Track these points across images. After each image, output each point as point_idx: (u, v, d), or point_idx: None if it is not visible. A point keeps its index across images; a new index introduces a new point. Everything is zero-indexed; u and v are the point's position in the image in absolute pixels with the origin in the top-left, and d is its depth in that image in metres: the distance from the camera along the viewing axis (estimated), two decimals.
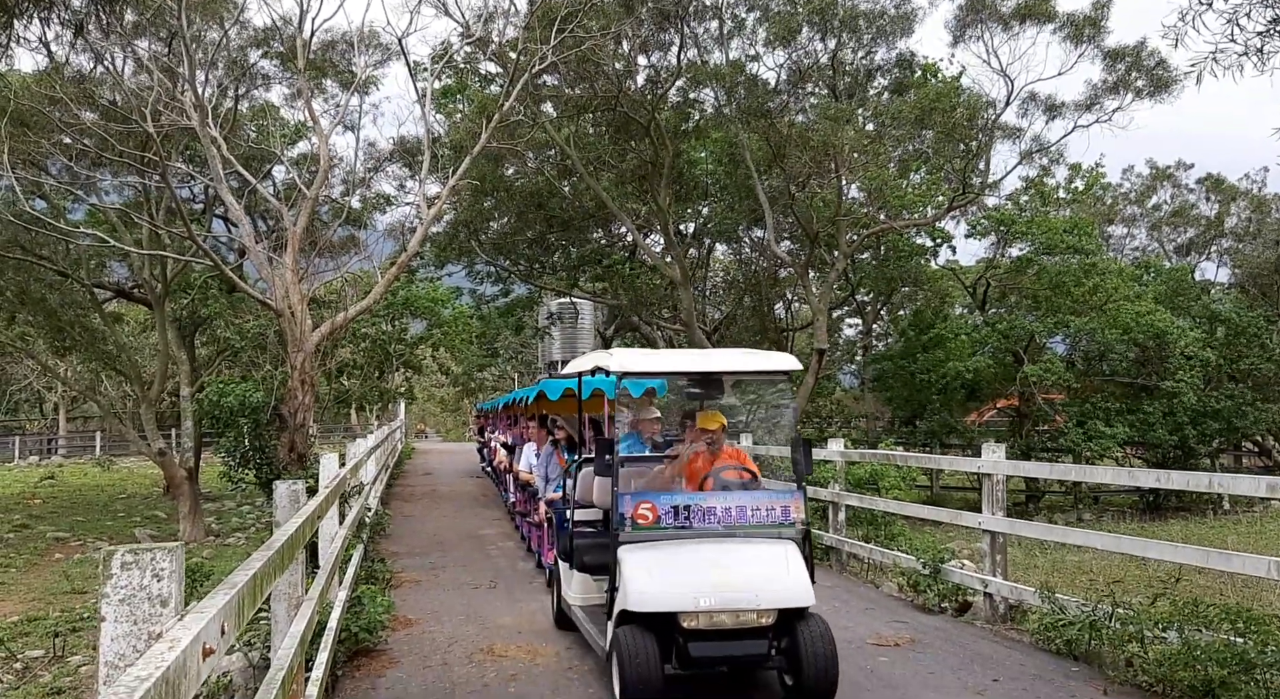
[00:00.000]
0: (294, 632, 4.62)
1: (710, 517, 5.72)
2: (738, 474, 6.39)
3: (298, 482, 5.53)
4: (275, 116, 17.48)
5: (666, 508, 5.69)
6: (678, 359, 6.75)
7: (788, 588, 5.47)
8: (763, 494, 5.93)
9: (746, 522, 5.76)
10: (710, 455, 6.50)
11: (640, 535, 5.64)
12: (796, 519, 5.85)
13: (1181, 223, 32.01)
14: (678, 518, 5.69)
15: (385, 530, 13.82)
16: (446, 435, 57.83)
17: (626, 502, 5.71)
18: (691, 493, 6.01)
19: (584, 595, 7.13)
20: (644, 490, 6.23)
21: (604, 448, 5.82)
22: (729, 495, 5.85)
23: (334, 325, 13.27)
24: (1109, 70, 16.80)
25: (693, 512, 5.72)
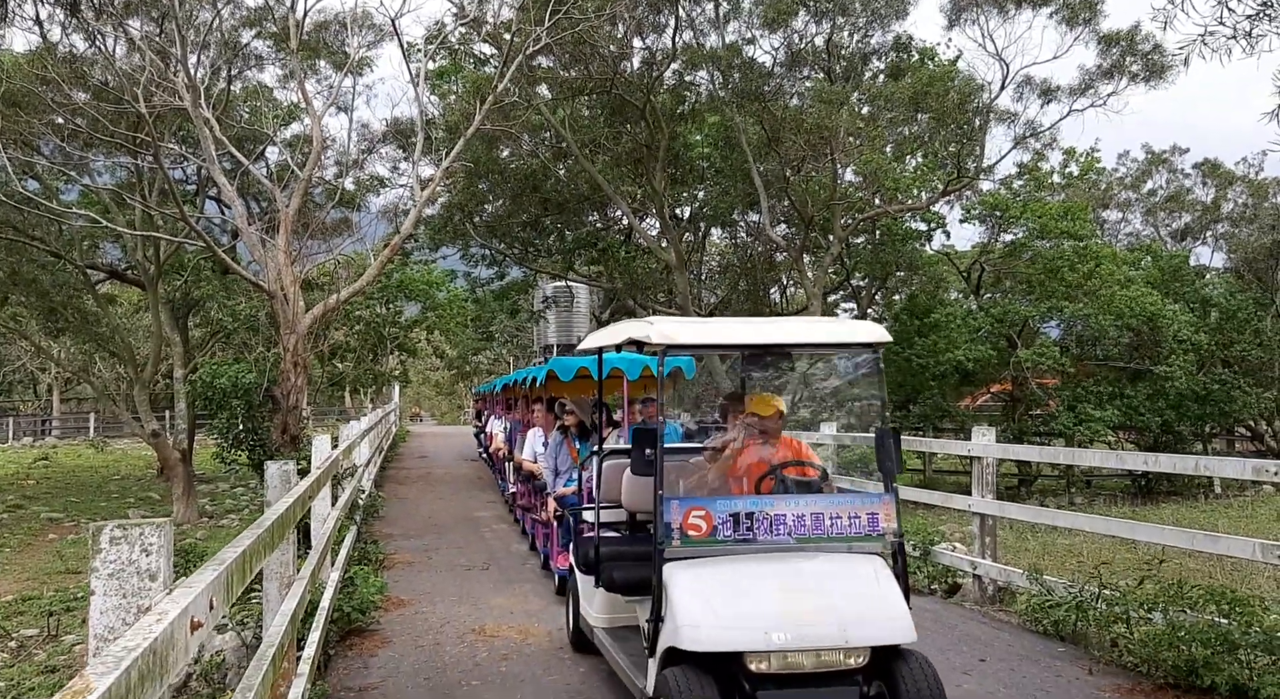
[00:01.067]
0: (285, 610, 4.65)
1: (779, 526, 4.58)
2: (802, 471, 5.27)
3: (289, 462, 5.55)
4: (268, 98, 17.41)
5: (724, 515, 4.53)
6: (735, 329, 5.28)
7: (883, 619, 4.34)
8: (845, 498, 4.77)
9: (824, 533, 4.60)
10: (765, 448, 5.34)
11: (691, 550, 4.50)
12: (887, 529, 4.67)
13: (1177, 208, 32.04)
14: (738, 528, 4.54)
15: (379, 513, 13.86)
16: (442, 419, 57.89)
17: (674, 508, 4.51)
18: (751, 496, 4.86)
19: (609, 615, 6.01)
20: (690, 493, 5.19)
21: (644, 440, 4.64)
22: (802, 500, 4.68)
23: (326, 308, 13.26)
24: (1104, 55, 16.78)
25: (757, 520, 4.56)
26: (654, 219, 23.55)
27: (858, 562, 4.63)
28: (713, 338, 5.31)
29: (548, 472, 8.92)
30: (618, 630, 5.95)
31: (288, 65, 16.76)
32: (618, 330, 5.67)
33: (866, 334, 5.04)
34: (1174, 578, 6.51)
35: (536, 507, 10.27)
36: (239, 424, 13.52)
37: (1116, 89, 16.97)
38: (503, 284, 27.95)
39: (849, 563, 4.63)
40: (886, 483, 4.88)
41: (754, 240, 26.24)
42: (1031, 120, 19.47)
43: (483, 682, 6.14)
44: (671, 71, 19.89)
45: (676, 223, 23.75)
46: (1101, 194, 31.22)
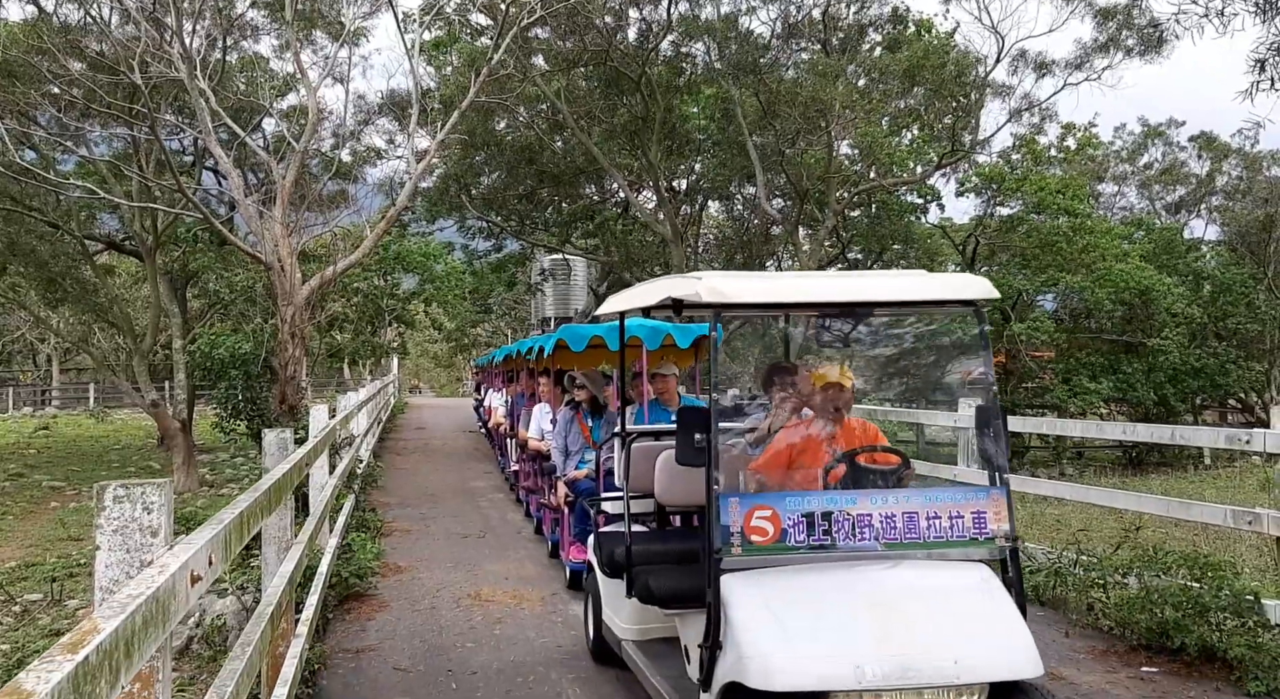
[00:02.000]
0: (283, 572, 4.81)
1: (863, 529, 3.72)
2: (879, 458, 4.31)
3: (286, 430, 5.69)
4: (264, 68, 17.38)
5: (795, 516, 3.67)
6: (806, 285, 4.33)
7: (1003, 648, 3.49)
8: (944, 493, 3.88)
9: (919, 537, 3.74)
10: (830, 431, 4.40)
11: (755, 559, 3.65)
12: (998, 531, 3.79)
13: (1172, 181, 32.05)
14: (812, 532, 3.68)
15: (377, 482, 14.05)
16: (440, 391, 58.10)
17: (733, 507, 3.64)
18: (828, 492, 3.95)
19: (641, 625, 5.12)
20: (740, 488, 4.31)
21: (693, 421, 3.81)
22: (891, 496, 3.81)
23: (323, 279, 13.35)
24: (1100, 28, 16.77)
25: (836, 522, 3.70)
26: (650, 192, 23.58)
27: (962, 572, 3.73)
28: (778, 295, 4.19)
29: (557, 452, 8.07)
30: (651, 645, 5.07)
31: (283, 35, 16.73)
32: (653, 289, 4.59)
33: (970, 289, 4.07)
34: (1151, 544, 6.68)
35: (544, 489, 9.34)
36: (238, 394, 13.66)
37: (1112, 63, 16.99)
38: (500, 256, 28.00)
39: (952, 575, 3.72)
40: (995, 473, 3.98)
41: (750, 213, 26.27)
42: (1027, 94, 19.50)
43: (477, 644, 6.32)
44: (668, 43, 19.85)
45: (673, 196, 23.76)
46: (1097, 167, 31.21)
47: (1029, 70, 18.43)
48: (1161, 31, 14.09)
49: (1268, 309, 24.49)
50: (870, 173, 21.86)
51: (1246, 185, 29.93)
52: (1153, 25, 12.99)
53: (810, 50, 19.97)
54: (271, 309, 13.85)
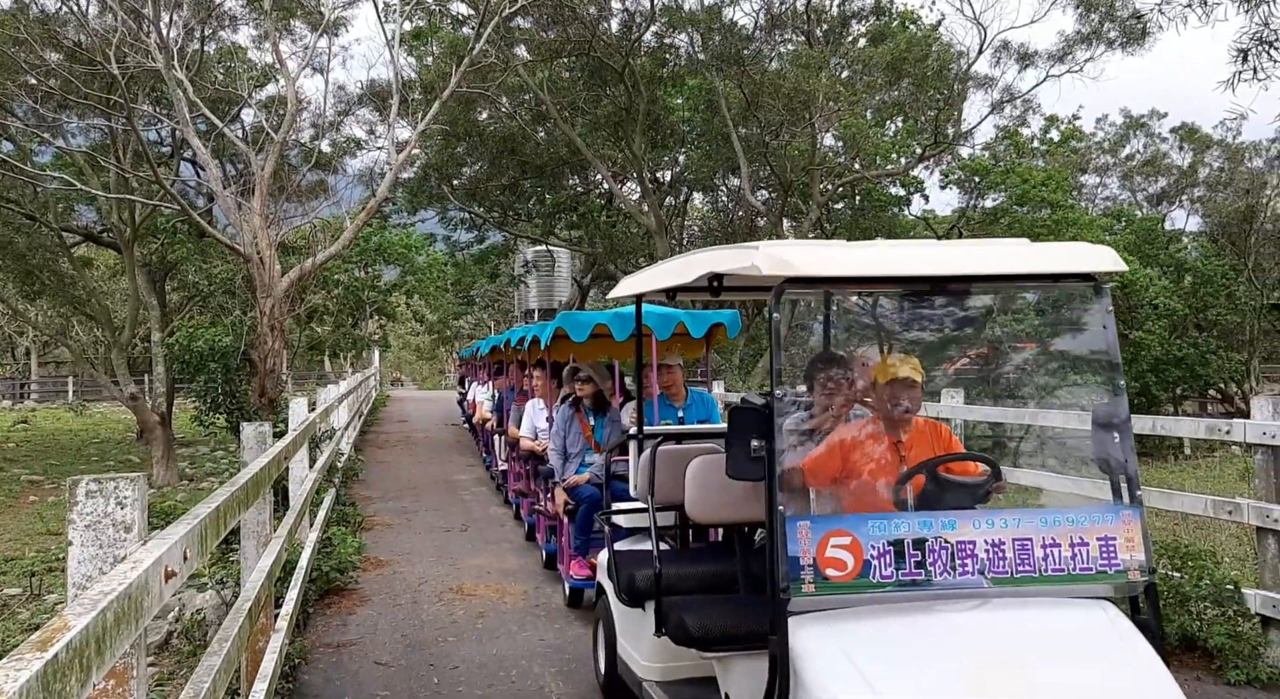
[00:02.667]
0: (262, 566, 4.77)
1: (964, 560, 3.03)
2: (963, 469, 3.65)
3: (265, 424, 5.64)
4: (243, 58, 17.21)
5: (880, 544, 3.00)
6: (891, 256, 3.45)
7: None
8: (1062, 515, 3.14)
9: (1034, 570, 3.05)
10: (897, 436, 3.70)
11: (831, 600, 2.99)
12: (1131, 563, 3.10)
13: (1154, 172, 32.23)
14: (902, 564, 3.00)
15: (358, 475, 13.99)
16: (423, 384, 57.93)
17: (802, 532, 2.97)
18: (919, 514, 3.27)
19: (665, 663, 4.34)
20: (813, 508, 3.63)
21: (748, 425, 3.16)
22: (998, 519, 3.10)
23: (303, 271, 13.25)
24: (1082, 20, 16.81)
25: (931, 552, 3.01)
26: (634, 183, 23.52)
27: (1084, 613, 3.06)
28: (861, 267, 3.29)
29: (554, 454, 7.27)
30: (680, 688, 4.28)
31: (262, 25, 16.57)
32: (690, 264, 3.86)
33: (1091, 259, 3.29)
34: None
35: (538, 494, 8.53)
36: (217, 388, 13.55)
37: (1094, 55, 17.05)
38: (482, 248, 27.88)
39: (1073, 616, 3.05)
40: (1126, 488, 3.21)
41: (734, 205, 26.25)
42: (1009, 86, 19.53)
43: (459, 638, 6.29)
44: (651, 34, 19.77)
45: (657, 187, 23.71)
46: (1079, 158, 31.35)
47: (1011, 62, 18.48)
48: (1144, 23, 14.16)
49: (1247, 300, 24.68)
50: (854, 164, 21.87)
51: (1228, 177, 30.12)
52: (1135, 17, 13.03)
53: (794, 41, 19.93)
54: (251, 301, 13.74)
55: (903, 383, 3.65)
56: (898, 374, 3.65)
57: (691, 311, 7.93)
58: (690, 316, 7.58)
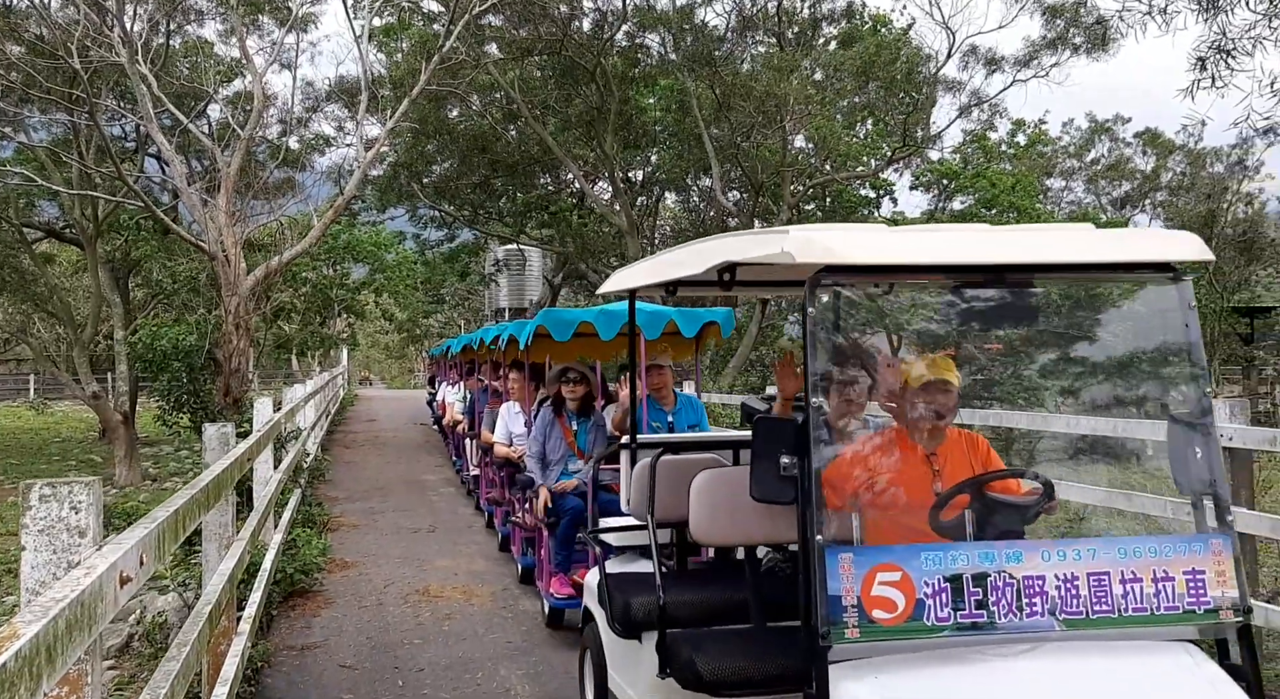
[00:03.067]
0: (223, 569, 4.71)
1: (1032, 598, 2.62)
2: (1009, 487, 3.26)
3: (228, 425, 5.58)
4: (209, 54, 16.99)
5: (935, 581, 2.60)
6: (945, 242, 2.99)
7: None
8: (1140, 544, 2.72)
9: (1112, 609, 2.64)
10: (929, 447, 3.29)
11: (879, 646, 2.58)
12: (1222, 601, 2.69)
13: (1118, 176, 32.70)
14: (961, 604, 2.60)
15: (325, 476, 13.87)
16: (392, 383, 57.55)
17: (844, 567, 2.57)
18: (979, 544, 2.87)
19: None
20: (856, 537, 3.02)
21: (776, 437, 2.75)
22: (1068, 551, 2.68)
23: (269, 269, 13.11)
24: (1048, 26, 17.01)
25: (994, 589, 2.61)
26: (606, 183, 23.49)
27: (1169, 659, 2.63)
28: (909, 254, 2.80)
29: (533, 461, 6.70)
30: None
31: (229, 20, 16.38)
32: (701, 253, 3.37)
33: (1174, 247, 2.91)
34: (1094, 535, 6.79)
35: (514, 504, 7.98)
36: (180, 387, 13.38)
37: (1059, 60, 17.25)
38: (453, 246, 27.71)
39: (1156, 663, 2.62)
40: (1214, 512, 2.78)
41: (706, 205, 26.30)
42: (976, 90, 19.71)
43: (425, 640, 6.25)
44: (623, 33, 19.76)
45: (629, 187, 23.70)
46: (1045, 162, 31.73)
47: (979, 66, 18.65)
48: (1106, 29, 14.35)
49: (1209, 303, 25.10)
50: (825, 166, 21.98)
51: (1190, 181, 30.60)
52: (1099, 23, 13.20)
53: (765, 43, 20.00)
54: (216, 300, 13.58)
55: (938, 387, 3.24)
56: (933, 376, 3.24)
57: (683, 309, 7.46)
58: (681, 315, 7.14)
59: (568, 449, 6.68)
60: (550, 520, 6.35)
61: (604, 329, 6.82)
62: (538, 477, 6.62)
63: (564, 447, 6.67)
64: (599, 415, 6.83)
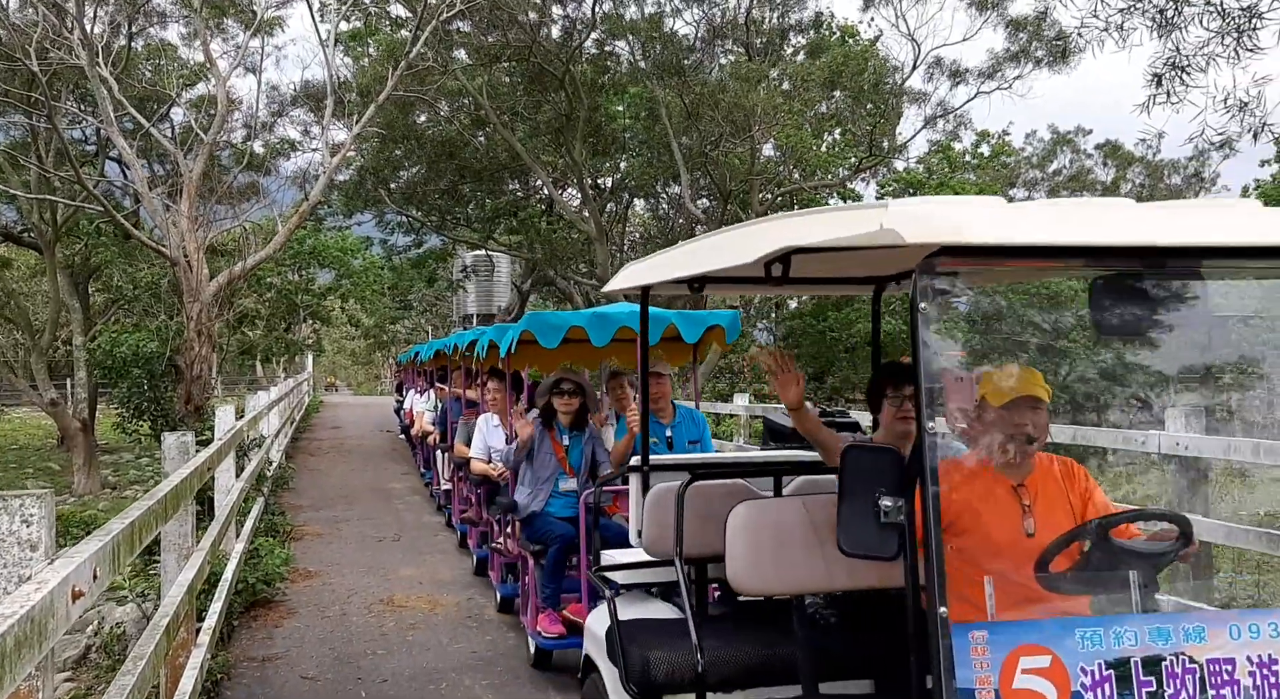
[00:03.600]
0: (181, 580, 4.65)
1: (1221, 689, 2.07)
2: (1127, 529, 2.67)
3: (188, 434, 5.50)
4: (172, 57, 16.79)
5: (1095, 667, 2.04)
6: (1095, 219, 2.30)
7: None
8: None
9: None
10: (1015, 479, 2.77)
11: None
12: None
13: (1079, 187, 33.16)
14: (1129, 696, 2.02)
15: (288, 484, 13.72)
16: (358, 389, 57.09)
17: (977, 648, 1.99)
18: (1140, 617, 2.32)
19: None
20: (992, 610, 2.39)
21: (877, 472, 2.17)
22: (1257, 624, 2.12)
23: (232, 275, 12.97)
24: (1011, 39, 17.24)
25: (1172, 676, 2.06)
26: (575, 189, 23.48)
27: None
28: (1047, 233, 2.14)
29: (522, 488, 6.04)
30: None
31: (192, 23, 16.20)
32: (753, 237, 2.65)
33: None
34: None
35: (491, 525, 7.48)
36: (141, 394, 13.19)
37: (1022, 73, 17.50)
38: (420, 252, 27.56)
39: None
40: None
41: (675, 213, 26.36)
42: (942, 101, 19.93)
43: (388, 651, 6.20)
44: (592, 41, 19.78)
45: (598, 193, 23.71)
46: (1009, 173, 32.15)
47: (944, 77, 18.86)
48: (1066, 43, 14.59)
49: None
50: (793, 175, 22.13)
51: (1149, 193, 31.12)
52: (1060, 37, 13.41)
53: (734, 52, 20.11)
54: (177, 305, 13.40)
55: (1026, 403, 2.67)
56: (1021, 392, 2.67)
57: (684, 312, 6.72)
58: (682, 318, 6.36)
59: (558, 466, 5.95)
60: (536, 548, 5.69)
61: (597, 335, 6.03)
62: (520, 499, 5.97)
63: (554, 463, 5.95)
64: (594, 429, 6.15)
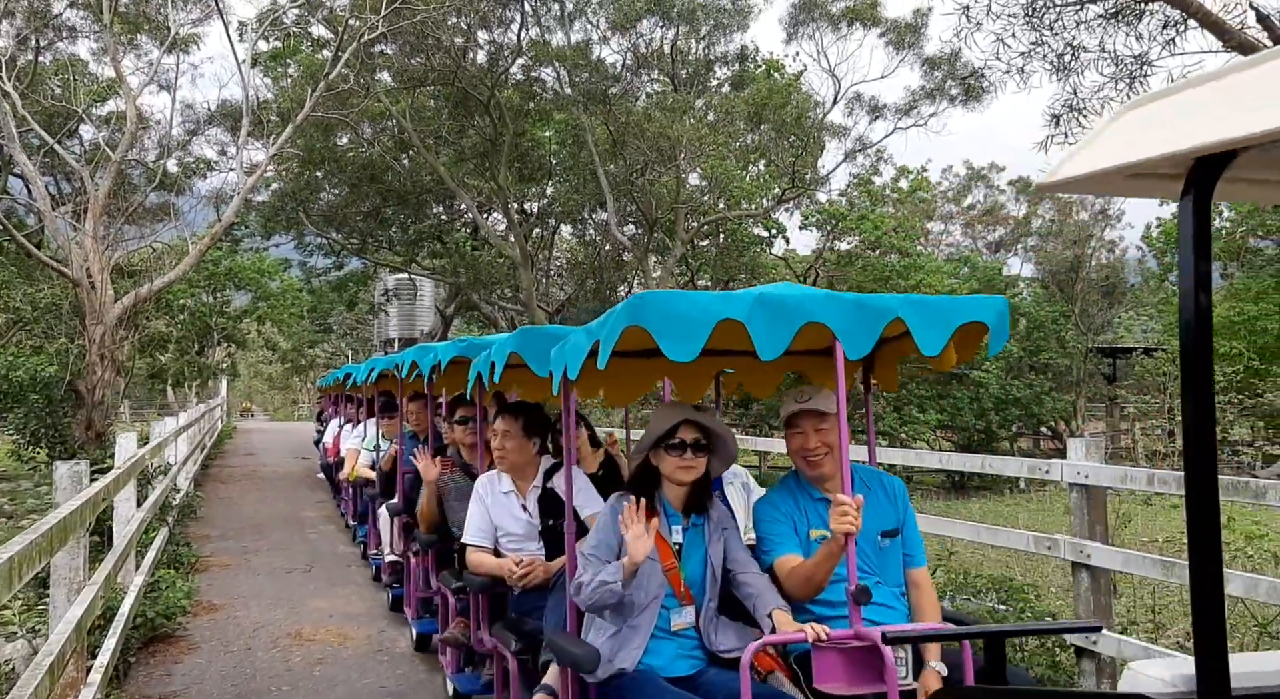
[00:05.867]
0: (69, 617, 4.43)
1: None
2: None
3: (81, 461, 5.27)
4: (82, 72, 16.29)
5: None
6: None
7: None
8: None
9: None
10: None
11: None
12: None
13: (993, 222, 34.36)
14: None
15: (196, 513, 13.26)
16: (275, 415, 55.71)
17: None
18: None
19: None
20: None
21: None
22: None
23: (138, 297, 12.55)
24: (927, 77, 17.85)
25: None
26: (500, 214, 23.41)
27: None
28: None
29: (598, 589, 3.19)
30: None
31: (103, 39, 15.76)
32: None
33: None
34: (963, 568, 7.02)
35: (474, 635, 4.80)
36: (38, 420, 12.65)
37: (937, 110, 18.11)
38: (340, 275, 27.14)
39: None
40: None
41: (602, 239, 26.44)
42: (861, 136, 20.47)
43: (294, 687, 6.00)
44: (519, 67, 19.82)
45: (524, 219, 23.66)
46: (927, 207, 33.11)
47: (863, 112, 19.38)
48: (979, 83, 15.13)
49: (1075, 344, 26.46)
50: (719, 204, 22.41)
51: (1058, 228, 32.33)
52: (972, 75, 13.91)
53: (660, 82, 20.35)
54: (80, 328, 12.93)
55: None
56: None
57: (918, 298, 3.25)
58: (915, 307, 3.13)
59: (665, 582, 3.32)
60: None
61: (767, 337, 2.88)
62: (604, 649, 3.20)
63: (659, 577, 3.29)
64: (723, 515, 3.54)
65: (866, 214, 26.42)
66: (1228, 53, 4.87)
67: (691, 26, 18.85)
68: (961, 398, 25.19)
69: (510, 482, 4.56)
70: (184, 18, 15.18)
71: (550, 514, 4.46)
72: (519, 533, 4.44)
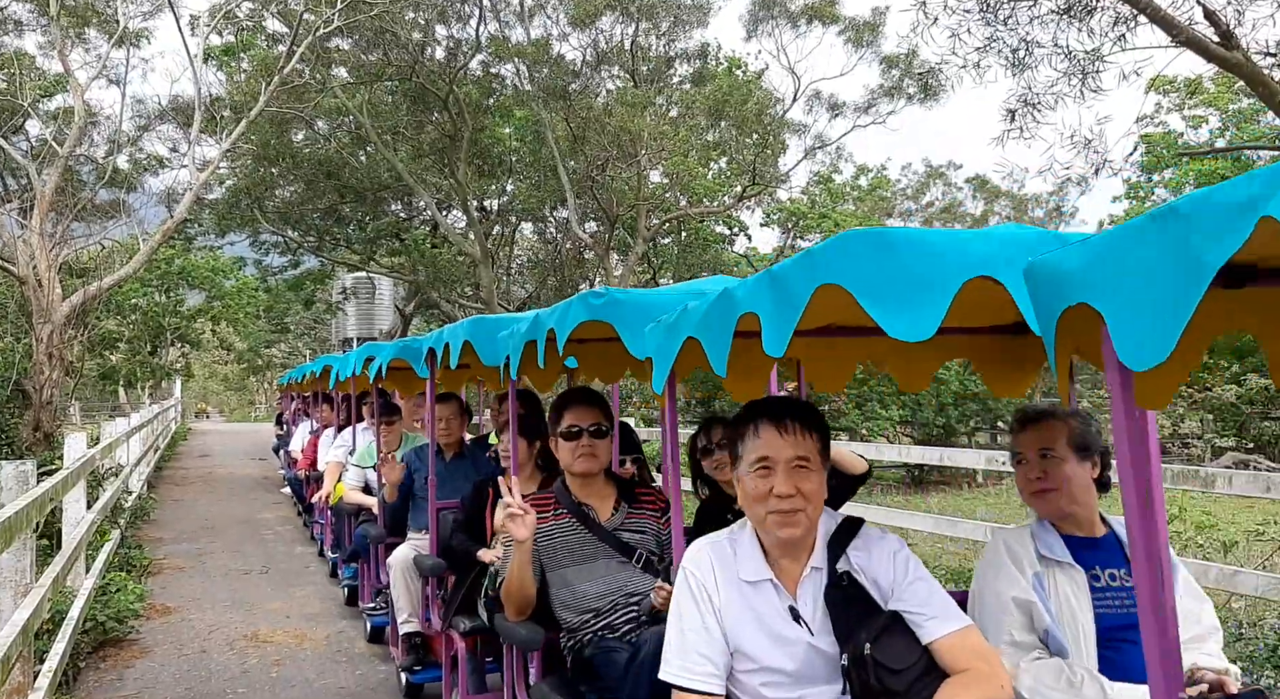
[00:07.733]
0: (15, 620, 4.32)
1: None
2: None
3: (28, 463, 5.14)
4: (28, 66, 15.89)
5: None
6: None
7: None
8: None
9: None
10: None
11: None
12: None
13: (951, 218, 34.73)
14: None
15: (149, 516, 13.04)
16: (230, 416, 54.91)
17: None
18: None
19: None
20: None
21: None
22: None
23: (87, 295, 12.27)
24: (885, 75, 17.99)
25: None
26: (460, 211, 23.22)
27: None
28: None
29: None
30: None
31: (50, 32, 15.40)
32: None
33: None
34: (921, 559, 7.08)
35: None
36: None
37: (895, 108, 18.26)
38: (297, 273, 26.76)
39: None
40: None
41: (563, 237, 26.35)
42: (820, 133, 20.59)
43: (250, 689, 5.90)
44: (478, 62, 19.68)
45: (484, 216, 23.50)
46: (886, 204, 33.41)
47: (823, 110, 19.49)
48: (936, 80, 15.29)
49: None
50: (681, 201, 22.41)
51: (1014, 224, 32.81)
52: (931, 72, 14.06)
53: (620, 78, 20.30)
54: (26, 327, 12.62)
55: None
56: None
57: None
58: None
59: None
60: None
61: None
62: None
63: None
64: None
65: (827, 212, 26.60)
66: (1176, 48, 4.99)
67: (652, 22, 18.83)
68: (922, 394, 25.50)
69: None
70: (134, 10, 14.86)
71: None
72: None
